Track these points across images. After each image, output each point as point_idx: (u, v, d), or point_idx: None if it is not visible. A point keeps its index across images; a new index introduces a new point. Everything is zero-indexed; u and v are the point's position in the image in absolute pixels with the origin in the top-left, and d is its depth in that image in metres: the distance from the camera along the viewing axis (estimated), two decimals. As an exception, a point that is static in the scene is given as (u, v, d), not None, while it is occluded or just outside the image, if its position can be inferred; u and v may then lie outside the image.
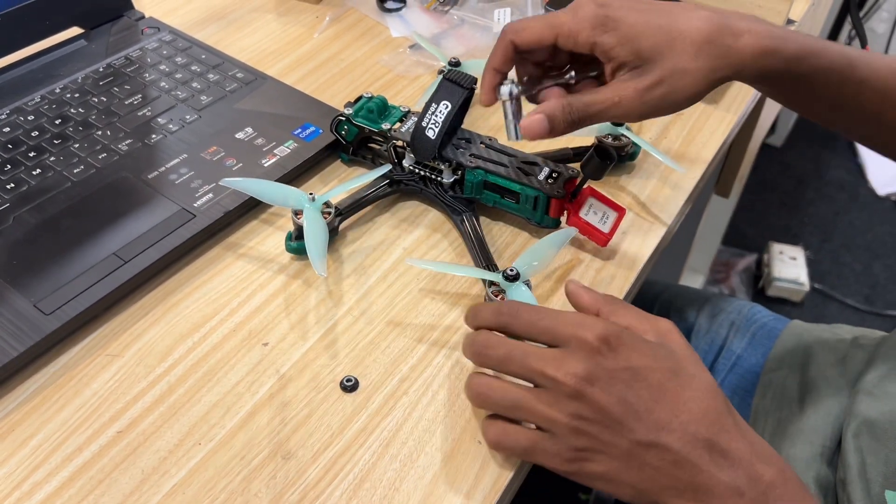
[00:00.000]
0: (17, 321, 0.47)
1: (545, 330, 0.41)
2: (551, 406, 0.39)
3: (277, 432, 0.44)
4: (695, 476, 0.38)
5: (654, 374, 0.39)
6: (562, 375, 0.39)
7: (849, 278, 1.75)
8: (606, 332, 0.40)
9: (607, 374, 0.39)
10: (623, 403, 0.38)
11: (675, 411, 0.38)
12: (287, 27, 0.76)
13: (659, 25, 0.46)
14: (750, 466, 0.38)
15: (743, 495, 0.37)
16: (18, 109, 0.61)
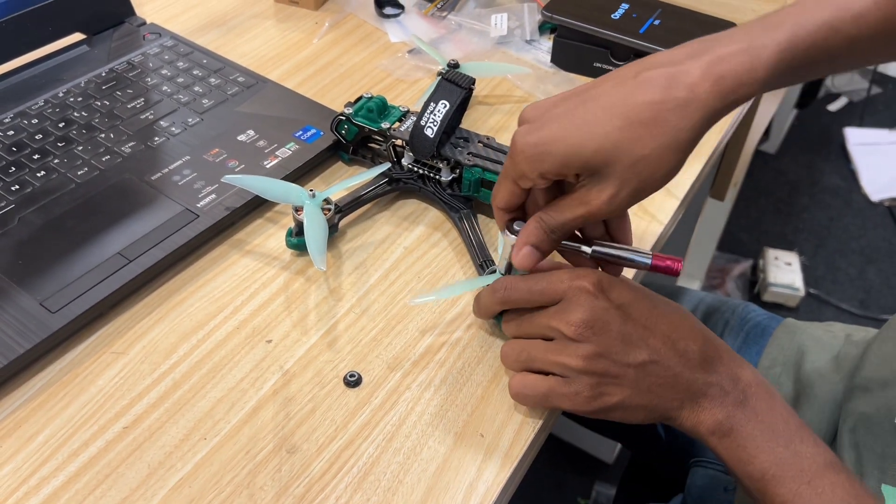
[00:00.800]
0: (23, 319, 0.47)
1: (542, 291, 0.45)
2: (561, 353, 0.44)
3: (282, 427, 0.45)
4: (690, 385, 0.44)
5: (643, 306, 0.45)
6: (565, 325, 0.43)
7: (843, 283, 1.76)
8: (598, 277, 0.44)
9: (604, 313, 0.43)
10: (622, 336, 0.43)
11: (667, 332, 0.44)
12: (287, 33, 0.77)
13: (594, 124, 0.41)
14: (730, 370, 0.45)
15: (728, 394, 0.44)
16: (22, 113, 0.62)
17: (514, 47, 0.77)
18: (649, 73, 0.41)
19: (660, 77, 0.41)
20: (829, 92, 2.29)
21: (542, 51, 0.77)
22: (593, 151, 0.40)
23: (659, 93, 0.40)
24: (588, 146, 0.40)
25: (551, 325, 0.44)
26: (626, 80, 0.42)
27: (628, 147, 0.40)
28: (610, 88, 0.42)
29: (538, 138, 0.41)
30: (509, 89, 0.72)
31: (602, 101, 0.41)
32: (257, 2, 0.82)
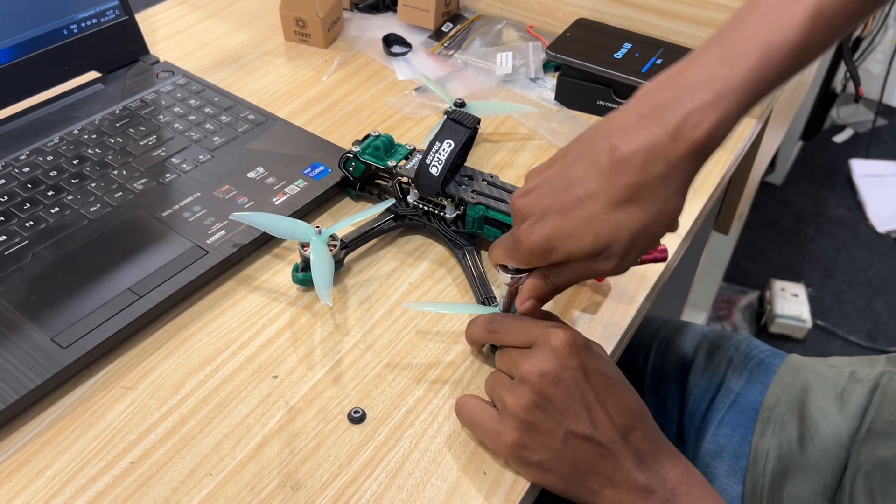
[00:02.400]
0: (35, 354, 0.48)
1: (522, 332, 0.47)
2: (510, 391, 0.45)
3: (287, 463, 0.45)
4: (615, 472, 0.43)
5: (600, 379, 0.44)
6: (525, 368, 0.44)
7: (851, 315, 1.76)
8: (571, 336, 0.45)
9: (562, 370, 0.44)
10: (569, 398, 0.43)
11: (613, 412, 0.44)
12: (297, 71, 0.79)
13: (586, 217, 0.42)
14: (661, 467, 0.44)
15: (654, 492, 0.43)
16: (38, 150, 0.64)
17: (519, 85, 0.78)
18: (622, 152, 0.41)
19: (635, 157, 0.41)
20: (834, 123, 2.30)
21: (546, 89, 0.78)
22: (592, 242, 0.42)
23: (638, 174, 0.41)
24: (586, 239, 0.42)
25: (515, 362, 0.45)
26: (602, 165, 0.42)
27: (623, 227, 0.42)
28: (590, 175, 0.42)
29: (541, 238, 0.43)
30: (514, 127, 0.73)
31: (586, 188, 0.42)
32: (268, 40, 0.84)
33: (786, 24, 0.41)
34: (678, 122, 0.40)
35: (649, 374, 0.73)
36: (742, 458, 0.64)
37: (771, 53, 0.41)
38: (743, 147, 0.73)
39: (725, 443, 0.66)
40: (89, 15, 0.71)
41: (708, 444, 0.66)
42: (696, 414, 0.69)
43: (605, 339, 0.54)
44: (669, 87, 0.42)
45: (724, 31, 0.43)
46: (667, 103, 0.41)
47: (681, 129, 0.40)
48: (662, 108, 0.41)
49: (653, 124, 0.41)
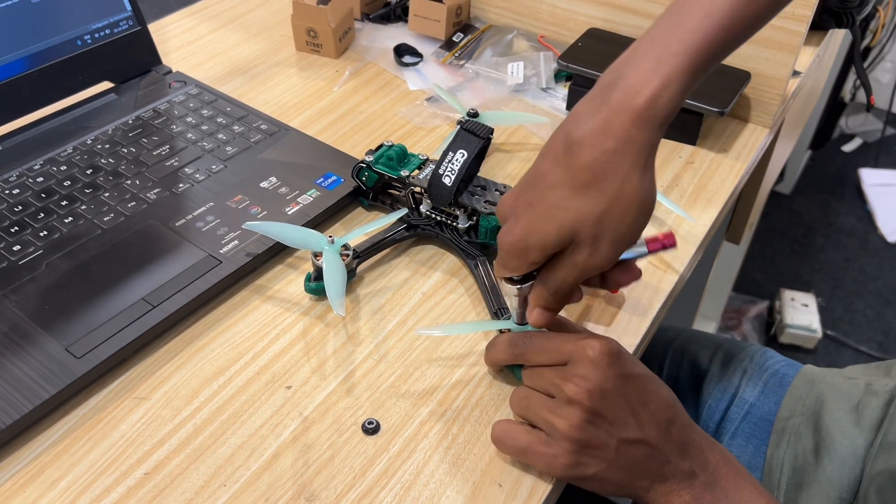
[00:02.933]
0: (49, 364, 0.48)
1: (552, 350, 0.46)
2: (554, 411, 0.44)
3: (301, 474, 0.45)
4: (663, 466, 0.44)
5: (639, 381, 0.45)
6: (568, 387, 0.43)
7: (861, 325, 1.74)
8: (606, 345, 0.44)
9: (605, 382, 0.43)
10: (617, 407, 0.43)
11: (655, 410, 0.44)
12: (308, 81, 0.79)
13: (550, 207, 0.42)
14: (702, 453, 0.45)
15: (697, 477, 0.44)
16: (52, 160, 0.64)
17: (531, 95, 0.78)
18: (573, 137, 0.42)
19: (585, 138, 0.41)
20: (843, 133, 2.29)
21: (557, 98, 0.78)
22: (557, 231, 0.42)
23: (589, 155, 0.41)
24: (551, 229, 0.42)
25: (555, 381, 0.44)
26: (559, 154, 0.42)
27: (585, 212, 0.42)
28: (550, 166, 0.43)
29: (515, 236, 0.44)
30: (525, 137, 0.73)
31: (548, 180, 0.43)
32: (279, 50, 0.84)
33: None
34: (621, 95, 0.41)
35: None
36: (756, 470, 0.64)
37: (713, 11, 0.41)
38: (755, 157, 0.73)
39: (739, 454, 0.65)
40: (103, 26, 0.71)
41: (721, 456, 0.66)
42: (710, 424, 0.69)
43: (620, 350, 0.54)
44: (616, 67, 0.42)
45: (670, 6, 0.43)
46: (612, 81, 0.42)
47: (623, 101, 0.40)
48: (608, 87, 0.42)
49: (599, 104, 0.41)
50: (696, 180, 0.69)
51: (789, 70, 0.71)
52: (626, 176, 0.41)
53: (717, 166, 0.70)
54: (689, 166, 0.70)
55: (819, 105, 1.79)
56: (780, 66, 0.71)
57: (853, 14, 0.86)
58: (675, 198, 0.67)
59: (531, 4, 0.83)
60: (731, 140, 0.73)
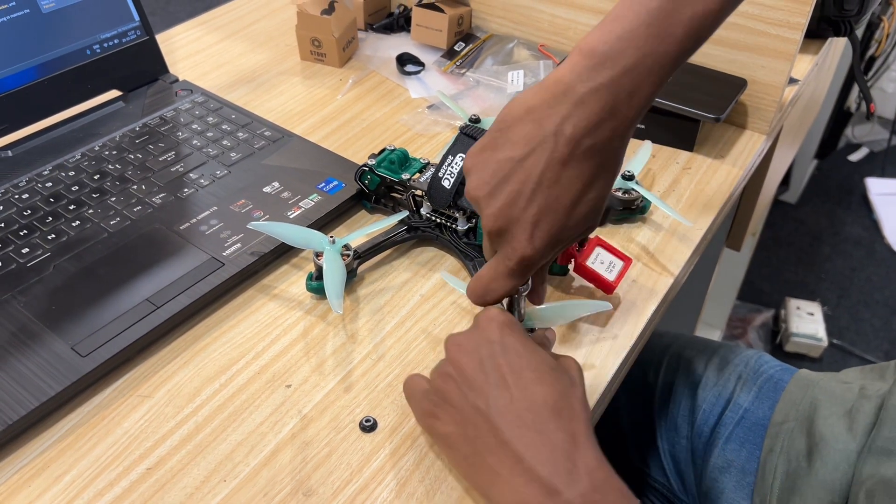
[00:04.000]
0: (55, 362, 0.49)
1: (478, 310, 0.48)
2: (437, 368, 0.46)
3: (299, 470, 0.46)
4: (513, 462, 0.40)
5: (519, 360, 0.43)
6: (450, 339, 0.46)
7: (868, 334, 1.74)
8: (502, 317, 0.45)
9: (480, 345, 0.44)
10: (481, 371, 0.43)
11: (520, 396, 0.41)
12: (312, 89, 0.81)
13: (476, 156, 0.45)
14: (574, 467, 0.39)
15: (559, 494, 0.38)
16: (60, 166, 0.65)
17: (530, 102, 0.79)
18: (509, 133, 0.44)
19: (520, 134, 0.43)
20: (849, 142, 2.29)
21: (557, 105, 0.79)
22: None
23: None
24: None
25: (447, 342, 0.46)
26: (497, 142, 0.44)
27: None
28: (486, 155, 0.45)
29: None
30: (525, 143, 0.74)
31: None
32: (284, 60, 0.85)
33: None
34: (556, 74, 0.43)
35: (659, 388, 0.74)
36: (750, 474, 0.64)
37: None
38: (752, 163, 0.74)
39: (733, 458, 0.66)
40: (111, 35, 0.73)
41: (716, 459, 0.66)
42: (705, 429, 0.69)
43: (614, 352, 0.54)
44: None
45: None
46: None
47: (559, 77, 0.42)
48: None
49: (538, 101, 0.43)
50: (692, 185, 0.69)
51: (785, 77, 0.72)
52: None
53: (714, 172, 0.71)
54: (686, 172, 0.71)
55: (823, 114, 1.80)
56: (776, 73, 0.72)
57: (851, 23, 0.87)
58: (673, 202, 0.68)
59: (531, 14, 0.84)
60: (727, 146, 0.74)
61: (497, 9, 0.86)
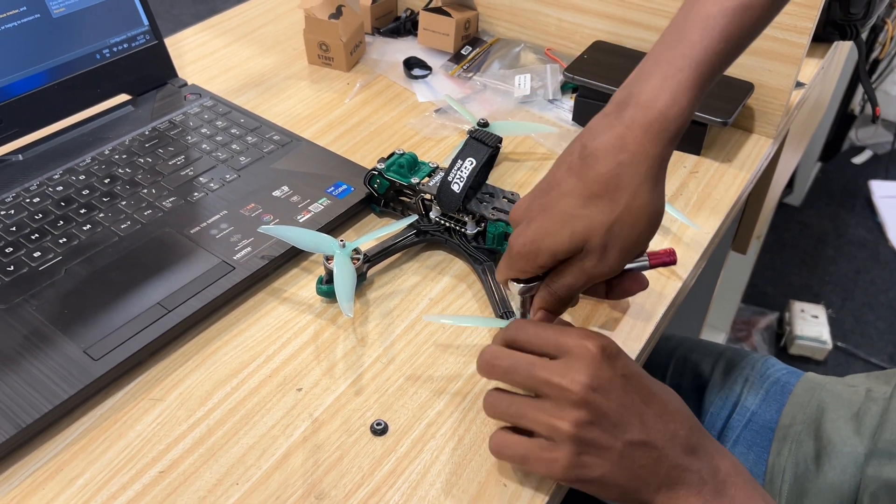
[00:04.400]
0: (67, 366, 0.50)
1: (549, 339, 0.44)
2: (553, 414, 0.42)
3: (311, 473, 0.46)
4: (671, 470, 0.42)
5: (643, 381, 0.44)
6: (567, 383, 0.42)
7: (872, 337, 1.74)
8: (606, 342, 0.44)
9: (608, 381, 0.42)
10: (621, 407, 0.42)
11: (660, 412, 0.43)
12: (320, 93, 0.81)
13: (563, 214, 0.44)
14: (711, 459, 0.43)
15: (706, 483, 0.43)
16: (71, 170, 0.66)
17: (537, 106, 0.80)
18: (588, 149, 0.44)
19: (599, 150, 0.43)
20: (853, 145, 2.29)
21: (563, 109, 0.79)
22: (569, 238, 0.44)
23: (603, 166, 0.43)
24: (564, 235, 0.44)
25: (552, 381, 0.42)
26: (574, 163, 0.44)
27: (596, 220, 0.43)
28: (565, 175, 0.45)
29: (526, 239, 0.45)
30: (533, 146, 0.75)
31: (562, 188, 0.44)
32: (292, 63, 0.86)
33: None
34: (632, 111, 0.43)
35: (667, 391, 0.74)
36: (758, 477, 0.64)
37: (711, 24, 0.43)
38: (759, 167, 0.74)
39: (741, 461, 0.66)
40: (121, 40, 0.73)
41: (725, 463, 0.66)
42: (712, 433, 0.69)
43: (624, 355, 0.54)
44: (627, 84, 0.45)
45: (671, 23, 0.45)
46: (624, 98, 0.44)
47: (634, 116, 0.43)
48: (621, 103, 0.44)
49: (614, 120, 0.44)
50: (700, 189, 0.70)
51: (792, 81, 0.73)
52: (638, 188, 0.43)
53: (721, 176, 0.71)
54: (693, 176, 0.71)
55: (827, 117, 1.80)
56: (783, 77, 0.73)
57: (857, 26, 0.87)
58: (680, 206, 0.68)
59: (538, 18, 0.85)
60: (734, 150, 0.75)
61: (504, 13, 0.87)
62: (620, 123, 0.43)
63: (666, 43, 0.44)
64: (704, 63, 0.43)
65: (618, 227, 0.43)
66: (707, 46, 0.43)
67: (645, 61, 0.45)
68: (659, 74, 0.43)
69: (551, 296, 0.48)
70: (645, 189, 0.43)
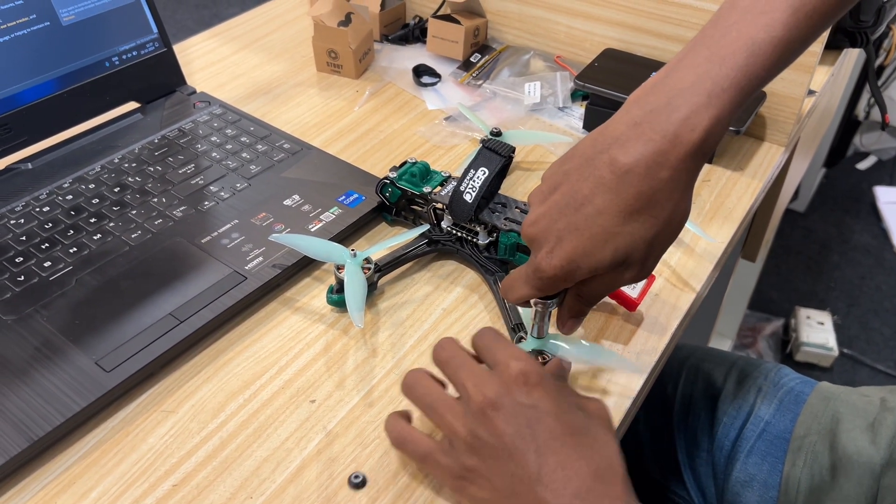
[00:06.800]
0: (79, 378, 0.49)
1: (486, 349, 0.45)
2: (457, 417, 0.42)
3: (326, 487, 0.46)
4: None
5: (557, 423, 0.41)
6: (473, 391, 0.42)
7: (878, 343, 1.73)
8: (530, 369, 0.42)
9: (514, 405, 0.41)
10: (519, 438, 0.40)
11: (563, 465, 0.39)
12: (329, 101, 0.81)
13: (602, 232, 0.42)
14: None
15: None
16: (80, 178, 0.65)
17: (547, 114, 0.79)
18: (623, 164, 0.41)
19: (640, 166, 0.41)
20: (857, 151, 2.29)
21: (574, 117, 0.79)
22: (612, 256, 0.43)
23: (644, 183, 0.41)
24: (606, 253, 0.43)
25: (465, 384, 0.42)
26: (606, 178, 0.42)
27: (638, 237, 0.43)
28: (596, 191, 0.42)
29: (562, 260, 0.43)
30: (543, 155, 0.74)
31: (596, 205, 0.42)
32: (300, 71, 0.86)
33: (768, 21, 0.42)
34: (676, 127, 0.41)
35: (678, 401, 0.73)
36: (773, 488, 0.64)
37: (757, 51, 0.42)
38: (771, 175, 0.74)
39: (755, 472, 0.65)
40: (130, 48, 0.73)
41: (738, 474, 0.66)
42: (726, 442, 0.69)
43: (639, 370, 0.54)
44: (660, 92, 0.43)
45: (706, 33, 0.44)
46: (660, 108, 0.42)
47: (679, 133, 0.41)
48: (656, 113, 0.42)
49: (649, 131, 0.42)
50: (713, 198, 0.69)
51: (804, 89, 0.72)
52: (678, 201, 0.43)
53: (734, 184, 0.71)
54: (705, 184, 0.71)
55: (833, 123, 1.80)
56: (796, 85, 0.72)
57: (867, 34, 0.87)
58: (694, 215, 0.67)
59: (548, 25, 0.84)
60: (746, 159, 0.74)
61: (513, 20, 0.87)
62: (659, 137, 0.41)
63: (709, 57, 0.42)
64: (748, 87, 0.42)
65: (658, 240, 0.43)
66: (752, 73, 0.42)
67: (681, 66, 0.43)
68: (704, 91, 0.41)
69: (583, 304, 0.47)
70: (683, 201, 0.43)
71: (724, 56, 0.42)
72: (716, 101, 0.41)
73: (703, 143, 0.41)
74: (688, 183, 0.43)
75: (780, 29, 0.42)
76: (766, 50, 0.42)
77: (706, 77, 0.42)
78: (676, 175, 0.42)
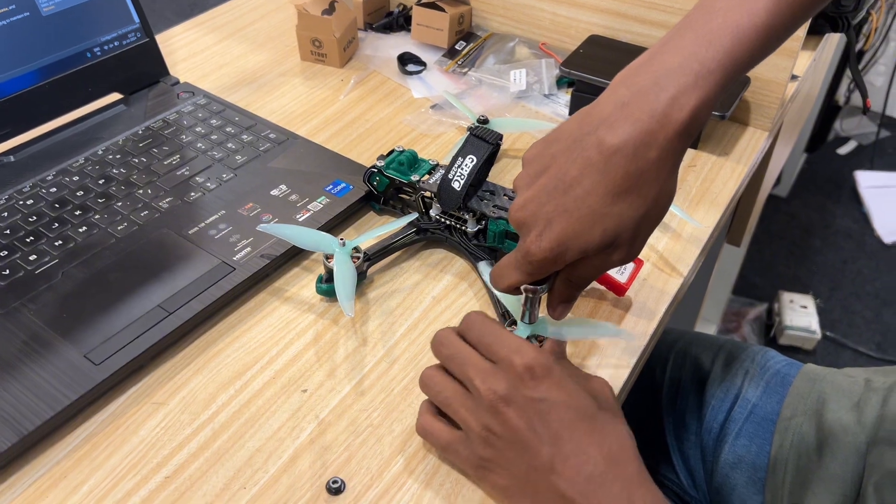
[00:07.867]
0: (68, 371, 0.49)
1: (487, 345, 0.45)
2: (470, 412, 0.44)
3: (319, 476, 0.46)
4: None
5: (568, 412, 0.43)
6: (483, 389, 0.43)
7: (860, 326, 1.76)
8: (535, 362, 0.43)
9: (524, 399, 0.43)
10: (531, 431, 0.42)
11: (575, 453, 0.42)
12: (314, 90, 0.80)
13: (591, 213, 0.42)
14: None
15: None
16: (64, 171, 0.65)
17: (533, 101, 0.79)
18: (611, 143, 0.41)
19: (627, 146, 0.41)
20: (837, 136, 2.31)
21: (559, 104, 0.79)
22: (601, 236, 0.43)
23: (631, 163, 0.41)
24: (595, 234, 0.43)
25: (474, 381, 0.44)
26: (593, 159, 0.42)
27: (627, 217, 0.43)
28: (584, 172, 0.42)
29: (552, 242, 0.43)
30: (529, 142, 0.74)
31: (584, 186, 0.42)
32: (284, 60, 0.85)
33: (752, 7, 0.43)
34: (664, 106, 0.41)
35: (667, 385, 0.74)
36: (761, 469, 0.65)
37: (742, 36, 0.42)
38: (756, 159, 0.74)
39: (744, 453, 0.66)
40: (112, 38, 0.72)
41: (727, 455, 0.67)
42: (714, 425, 0.70)
43: (628, 353, 0.54)
44: (647, 73, 0.43)
45: (692, 18, 0.44)
46: (647, 88, 0.42)
47: (667, 113, 0.41)
48: (643, 93, 0.42)
49: (637, 111, 0.42)
50: (698, 183, 0.70)
51: (788, 74, 0.73)
52: (665, 181, 0.43)
53: (719, 169, 0.71)
54: (691, 169, 0.71)
55: (814, 108, 1.81)
56: (779, 70, 0.73)
57: (848, 18, 0.87)
58: (680, 200, 0.68)
59: (532, 13, 0.84)
60: (731, 144, 0.75)
61: (498, 7, 0.86)
62: (647, 117, 0.41)
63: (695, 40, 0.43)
64: (734, 70, 0.43)
65: (646, 220, 0.43)
66: (738, 57, 0.42)
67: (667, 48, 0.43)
68: (692, 72, 0.42)
69: (572, 288, 0.47)
70: (669, 181, 0.43)
71: (710, 39, 0.42)
72: (702, 82, 0.42)
73: (690, 123, 0.42)
74: (674, 163, 0.43)
75: (763, 15, 0.43)
76: (751, 35, 0.43)
77: (693, 58, 0.42)
78: (664, 155, 0.42)
